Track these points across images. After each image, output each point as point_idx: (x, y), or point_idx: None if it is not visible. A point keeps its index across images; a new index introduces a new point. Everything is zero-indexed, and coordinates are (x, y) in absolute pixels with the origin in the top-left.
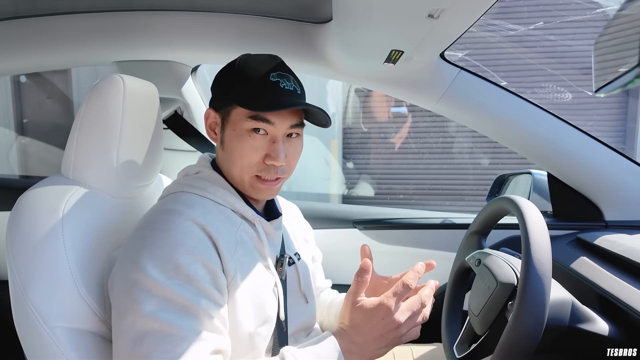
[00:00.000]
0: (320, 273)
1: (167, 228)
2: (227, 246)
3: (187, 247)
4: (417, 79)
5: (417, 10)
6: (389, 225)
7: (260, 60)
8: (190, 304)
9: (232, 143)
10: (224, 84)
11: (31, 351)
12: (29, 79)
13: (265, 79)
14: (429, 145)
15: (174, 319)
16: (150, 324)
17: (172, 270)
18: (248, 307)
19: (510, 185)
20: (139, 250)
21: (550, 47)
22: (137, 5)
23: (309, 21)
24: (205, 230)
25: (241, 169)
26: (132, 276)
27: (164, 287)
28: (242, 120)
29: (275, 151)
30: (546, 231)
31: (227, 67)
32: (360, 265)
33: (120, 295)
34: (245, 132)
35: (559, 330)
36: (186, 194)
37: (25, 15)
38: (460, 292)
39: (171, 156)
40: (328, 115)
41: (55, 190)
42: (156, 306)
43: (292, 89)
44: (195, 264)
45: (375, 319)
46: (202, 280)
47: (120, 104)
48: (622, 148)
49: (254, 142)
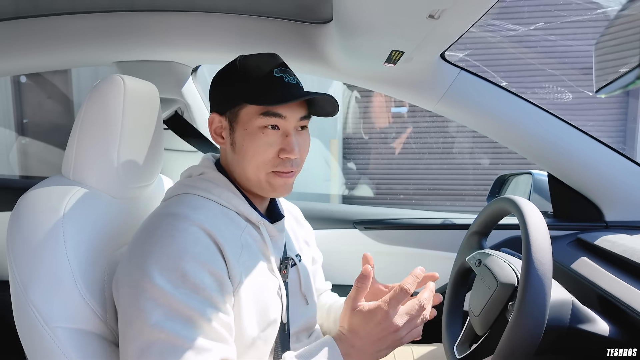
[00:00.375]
0: (320, 275)
1: (173, 234)
2: (233, 251)
3: (193, 254)
4: (417, 79)
5: (417, 11)
6: (389, 225)
7: (260, 59)
8: (196, 313)
9: (244, 142)
10: (226, 86)
11: (32, 352)
12: (29, 79)
13: (269, 75)
14: (429, 145)
15: (179, 329)
16: (156, 334)
17: (179, 278)
18: (252, 311)
19: (510, 185)
20: (145, 256)
21: (550, 47)
22: (137, 5)
23: (309, 21)
24: (211, 235)
25: (257, 167)
26: (139, 283)
27: (171, 296)
28: (254, 118)
29: (289, 144)
30: (546, 231)
31: (226, 69)
32: (362, 271)
33: (127, 301)
34: (258, 129)
35: (559, 331)
36: (190, 196)
37: (25, 16)
38: (460, 293)
39: (172, 156)
40: (336, 101)
41: (55, 191)
42: (162, 316)
43: (296, 83)
44: (202, 271)
45: (372, 323)
46: (208, 288)
47: (121, 104)
48: (622, 148)
49: (267, 139)
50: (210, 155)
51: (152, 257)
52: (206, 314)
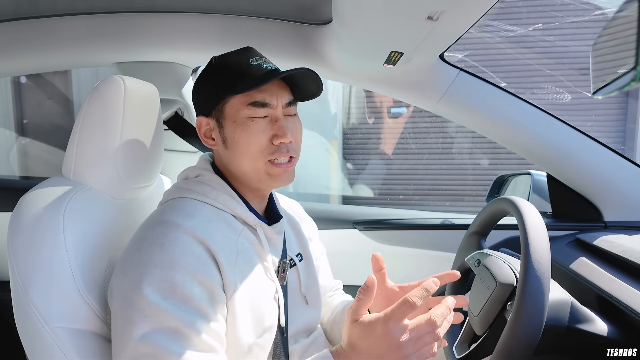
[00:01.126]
0: (325, 268)
1: (163, 242)
2: (228, 257)
3: (183, 264)
4: (416, 80)
5: (416, 12)
6: (389, 225)
7: (235, 53)
8: (184, 325)
9: (235, 135)
10: (206, 86)
11: (32, 352)
12: (29, 80)
13: (246, 64)
14: (428, 146)
15: (165, 342)
16: (142, 348)
17: (168, 289)
18: (247, 318)
19: (509, 186)
20: (135, 265)
21: (549, 48)
22: (137, 6)
23: (309, 22)
24: (203, 243)
25: (252, 158)
26: (128, 294)
27: (157, 308)
28: (240, 109)
29: (281, 129)
30: (545, 232)
31: (203, 72)
32: (365, 281)
33: (118, 311)
34: (246, 119)
35: (558, 331)
36: (185, 201)
37: (25, 17)
38: (459, 293)
39: (172, 157)
40: (318, 77)
41: (56, 191)
42: (149, 328)
43: (274, 68)
44: (192, 282)
45: (372, 337)
46: (197, 299)
47: (121, 105)
48: (621, 149)
49: (257, 126)
50: (207, 156)
51: (142, 268)
52: (194, 325)
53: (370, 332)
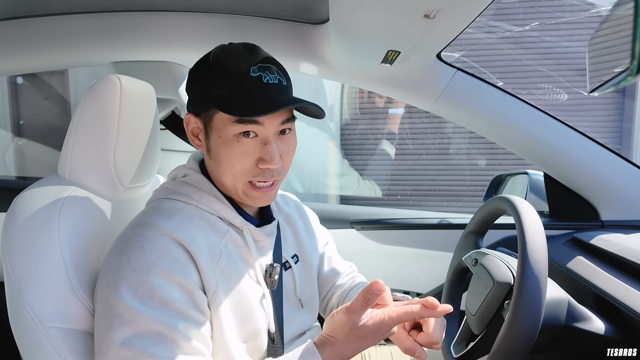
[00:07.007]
0: (335, 256)
1: (142, 245)
2: (208, 260)
3: (161, 267)
4: (413, 79)
5: (412, 11)
6: (387, 225)
7: (236, 53)
8: (165, 328)
9: (219, 151)
10: (200, 84)
11: (27, 352)
12: (25, 80)
13: (246, 76)
14: (426, 145)
15: (147, 346)
16: (124, 353)
17: (146, 293)
18: (231, 322)
19: (507, 185)
20: (114, 270)
21: (546, 48)
22: (134, 5)
23: (305, 22)
24: (182, 244)
25: (233, 177)
26: (108, 299)
27: (137, 312)
28: (228, 125)
29: (268, 154)
30: (542, 231)
31: (200, 63)
32: (373, 284)
33: (99, 316)
34: (233, 137)
35: (555, 329)
36: (169, 202)
37: (21, 16)
38: (457, 292)
39: (168, 157)
40: (321, 108)
41: (51, 191)
42: (129, 333)
43: (277, 82)
44: (170, 285)
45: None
46: (178, 301)
47: (117, 104)
48: (618, 148)
49: (243, 148)
50: (198, 154)
51: (120, 272)
52: (177, 327)
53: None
